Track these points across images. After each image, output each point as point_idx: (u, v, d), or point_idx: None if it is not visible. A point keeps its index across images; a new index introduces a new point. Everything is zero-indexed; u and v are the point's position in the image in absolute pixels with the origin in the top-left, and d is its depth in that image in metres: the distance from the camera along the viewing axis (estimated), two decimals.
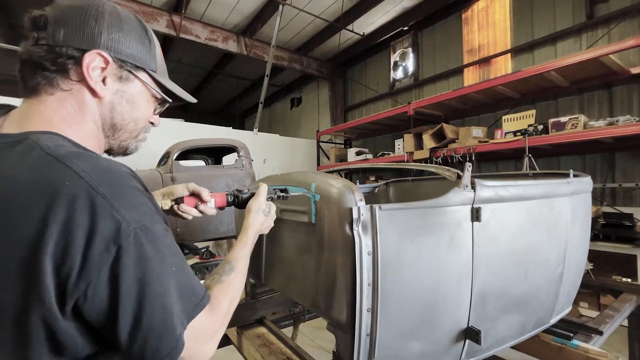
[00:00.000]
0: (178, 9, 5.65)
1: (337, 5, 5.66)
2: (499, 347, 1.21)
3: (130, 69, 0.64)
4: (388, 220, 0.92)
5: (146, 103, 0.69)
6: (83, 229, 0.46)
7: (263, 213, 0.92)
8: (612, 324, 1.57)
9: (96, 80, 0.59)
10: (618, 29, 3.71)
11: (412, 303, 0.97)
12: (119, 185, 0.51)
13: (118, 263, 0.48)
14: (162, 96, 0.71)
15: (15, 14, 6.20)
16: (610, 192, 3.83)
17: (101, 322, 0.50)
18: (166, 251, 0.55)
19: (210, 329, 0.61)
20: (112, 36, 0.60)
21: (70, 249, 0.45)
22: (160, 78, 0.69)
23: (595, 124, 3.22)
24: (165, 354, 0.52)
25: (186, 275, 0.58)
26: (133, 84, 0.65)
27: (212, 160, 4.35)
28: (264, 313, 1.84)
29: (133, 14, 0.66)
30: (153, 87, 0.68)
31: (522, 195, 1.18)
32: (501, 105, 4.71)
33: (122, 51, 0.61)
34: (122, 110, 0.64)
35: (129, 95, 0.65)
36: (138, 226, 0.50)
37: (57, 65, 0.57)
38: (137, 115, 0.67)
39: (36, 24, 0.57)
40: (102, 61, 0.59)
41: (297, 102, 9.30)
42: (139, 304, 0.50)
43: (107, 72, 0.61)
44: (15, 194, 0.47)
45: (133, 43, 0.63)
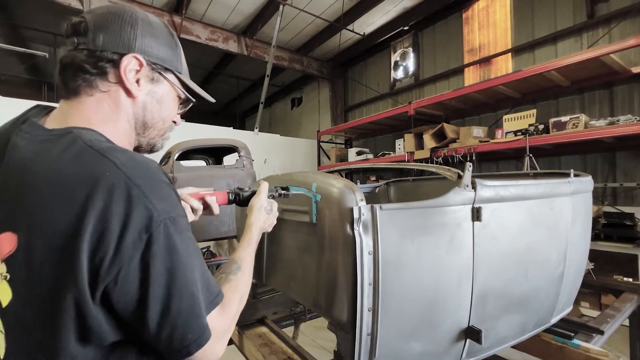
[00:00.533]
0: (179, 9, 5.66)
1: (338, 5, 5.67)
2: (499, 346, 1.21)
3: (161, 71, 0.68)
4: (389, 220, 0.93)
5: (173, 103, 0.74)
6: (119, 216, 0.49)
7: (265, 211, 0.92)
8: (613, 324, 1.57)
9: (131, 82, 0.64)
10: (619, 29, 3.71)
11: (412, 302, 0.97)
12: (152, 178, 0.55)
13: (149, 251, 0.50)
14: (186, 96, 0.75)
15: (16, 14, 6.22)
16: (612, 191, 3.83)
17: (129, 310, 0.51)
18: (190, 243, 0.57)
19: (221, 327, 0.61)
20: (145, 41, 0.65)
21: (106, 235, 0.48)
22: (185, 79, 0.74)
23: (596, 124, 3.22)
24: (193, 340, 0.54)
25: (205, 269, 0.60)
26: (162, 85, 0.70)
27: (213, 161, 4.36)
28: (265, 313, 1.84)
29: (161, 20, 0.71)
30: (179, 88, 0.73)
31: (523, 195, 1.18)
32: (502, 105, 4.70)
33: (153, 54, 0.66)
34: (152, 109, 0.69)
35: (159, 95, 0.69)
36: (167, 217, 0.53)
37: (98, 69, 0.61)
38: (165, 115, 0.72)
39: (77, 30, 0.61)
40: (137, 64, 0.64)
41: (297, 102, 9.30)
42: (168, 292, 0.52)
43: (141, 74, 0.65)
44: (60, 181, 0.51)
45: (163, 47, 0.68)
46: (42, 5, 5.31)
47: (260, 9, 5.87)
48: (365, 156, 5.85)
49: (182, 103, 0.78)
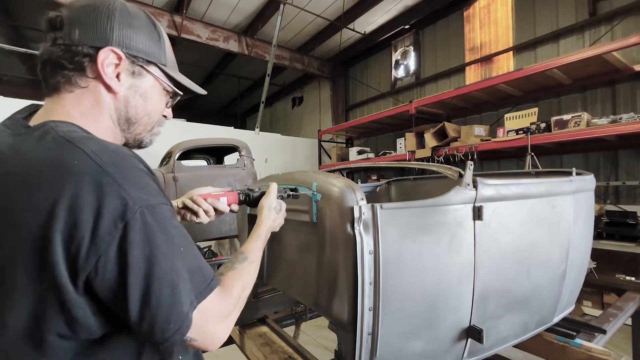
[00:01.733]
0: (179, 9, 5.66)
1: (338, 4, 5.65)
2: (501, 346, 1.21)
3: (142, 64, 0.66)
4: (389, 219, 0.92)
5: (158, 97, 0.71)
6: (91, 206, 0.48)
7: (275, 211, 0.93)
8: (616, 323, 1.57)
9: (111, 77, 0.62)
10: (621, 26, 3.68)
11: (413, 302, 0.97)
12: (125, 166, 0.53)
13: (125, 239, 0.49)
14: (173, 89, 0.73)
15: (17, 15, 6.23)
16: (614, 190, 3.81)
17: (112, 299, 0.51)
18: (173, 231, 0.56)
19: (221, 311, 0.61)
20: (123, 32, 0.62)
21: (79, 226, 0.47)
22: (171, 71, 0.71)
23: (599, 122, 3.20)
24: (174, 330, 0.53)
25: (194, 257, 0.59)
26: (145, 79, 0.67)
27: (214, 160, 4.36)
28: (266, 312, 1.84)
29: (142, 10, 0.68)
30: (164, 81, 0.70)
31: (524, 194, 1.17)
32: (503, 103, 4.69)
33: (133, 47, 0.63)
34: (136, 104, 0.67)
35: (142, 89, 0.67)
36: (144, 205, 0.52)
37: (75, 64, 0.60)
38: (150, 109, 0.70)
39: (53, 25, 0.61)
40: (115, 57, 0.62)
41: (298, 101, 9.30)
42: (147, 281, 0.51)
43: (121, 68, 0.63)
44: (30, 172, 0.50)
45: (143, 38, 0.65)
46: (43, 6, 5.31)
47: (260, 8, 5.87)
48: (367, 155, 5.84)
49: (172, 96, 0.76)
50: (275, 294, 1.88)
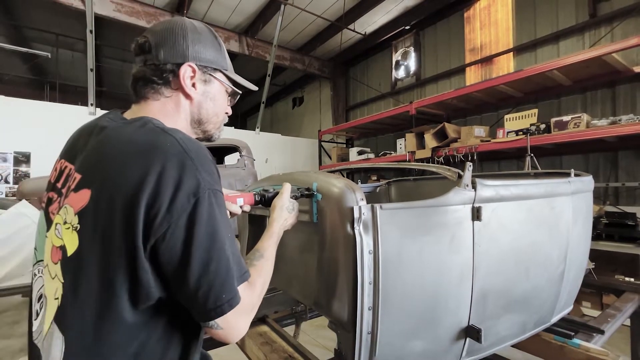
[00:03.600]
0: (180, 9, 5.68)
1: (339, 5, 5.66)
2: (499, 345, 1.22)
3: (211, 73, 0.79)
4: (389, 219, 0.93)
5: (223, 98, 0.84)
6: (173, 179, 0.57)
7: (287, 210, 0.95)
8: (614, 323, 1.57)
9: (189, 86, 0.75)
10: (621, 28, 3.69)
11: (413, 301, 0.98)
12: (203, 154, 0.64)
13: (195, 212, 0.58)
14: (233, 90, 0.85)
15: (18, 15, 6.24)
16: (614, 191, 3.82)
17: (173, 265, 0.58)
18: (225, 218, 0.65)
19: (247, 303, 0.65)
20: (195, 48, 0.75)
21: (161, 194, 0.56)
22: (231, 74, 0.83)
23: (598, 123, 3.21)
24: (226, 300, 0.60)
25: (236, 247, 0.66)
26: (214, 84, 0.80)
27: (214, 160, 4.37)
28: (266, 312, 1.85)
29: (205, 25, 0.81)
30: (227, 84, 0.83)
31: (523, 195, 1.18)
32: (503, 104, 4.70)
33: (203, 59, 0.77)
34: (207, 107, 0.80)
35: (212, 94, 0.80)
36: (211, 188, 0.61)
37: (163, 79, 0.74)
38: (218, 110, 0.83)
39: (143, 49, 0.74)
40: (191, 70, 0.75)
41: (298, 101, 9.31)
42: (208, 253, 0.59)
43: (196, 79, 0.76)
44: (130, 150, 0.61)
45: (210, 50, 0.78)
46: (44, 6, 5.33)
47: (261, 8, 5.88)
48: (367, 156, 5.85)
49: (231, 95, 0.87)
50: (276, 293, 1.89)
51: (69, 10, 5.00)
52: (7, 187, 4.62)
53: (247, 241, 1.56)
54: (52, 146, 0.83)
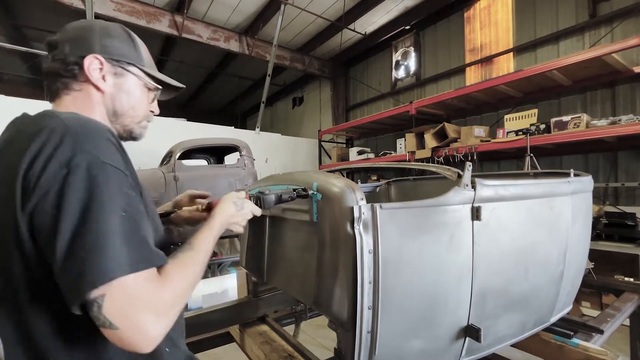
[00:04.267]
0: (180, 9, 5.67)
1: (339, 5, 5.67)
2: (499, 345, 1.22)
3: (122, 65, 0.78)
4: (389, 219, 0.93)
5: (140, 92, 0.83)
6: (47, 152, 0.56)
7: (234, 205, 0.89)
8: (613, 323, 1.58)
9: (97, 78, 0.75)
10: (621, 28, 3.69)
11: (412, 301, 0.98)
12: (92, 131, 0.61)
13: (66, 181, 0.54)
14: (152, 84, 0.85)
15: (18, 14, 6.24)
16: (613, 191, 3.82)
17: (44, 239, 0.54)
18: (120, 195, 0.58)
19: (155, 296, 0.56)
20: (102, 42, 0.76)
21: (35, 165, 0.55)
22: (148, 70, 0.83)
23: (598, 123, 3.21)
24: (90, 284, 0.51)
25: (139, 228, 0.59)
26: (127, 77, 0.80)
27: (215, 160, 4.38)
28: (266, 311, 1.85)
29: (118, 24, 0.82)
30: (143, 78, 0.82)
31: (523, 195, 1.18)
32: (503, 104, 4.70)
33: (112, 52, 0.77)
34: (121, 99, 0.79)
35: (125, 86, 0.79)
36: (94, 159, 0.57)
37: (69, 72, 0.74)
38: (133, 103, 0.82)
39: (51, 45, 0.76)
40: (98, 62, 0.75)
41: (298, 101, 9.31)
42: (78, 223, 0.53)
43: (105, 71, 0.76)
44: (23, 133, 0.62)
45: (120, 44, 0.78)
46: (44, 5, 5.33)
47: (261, 8, 5.88)
48: (367, 155, 5.85)
49: (154, 91, 0.87)
50: (276, 293, 1.89)
51: (69, 10, 5.00)
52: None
53: (246, 241, 1.56)
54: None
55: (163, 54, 7.86)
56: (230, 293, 2.79)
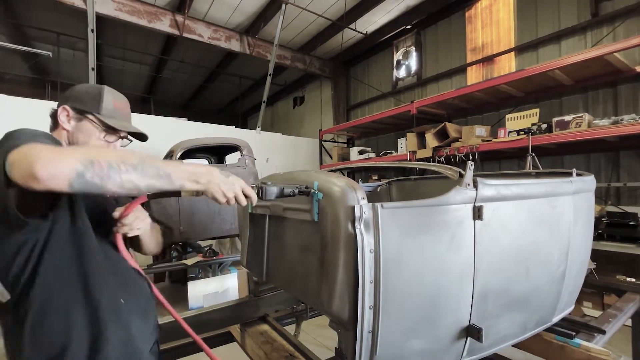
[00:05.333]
0: (181, 8, 5.67)
1: (340, 4, 5.66)
2: (500, 345, 1.22)
3: (80, 114, 1.03)
4: (390, 218, 0.93)
5: (95, 133, 1.05)
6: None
7: (221, 171, 0.88)
8: (615, 323, 1.57)
9: (63, 122, 1.03)
10: (623, 27, 3.68)
11: (414, 300, 0.98)
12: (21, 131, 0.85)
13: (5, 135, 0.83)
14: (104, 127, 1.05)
15: (19, 14, 6.25)
16: (615, 191, 3.81)
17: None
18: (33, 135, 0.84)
19: (36, 150, 0.70)
20: (72, 95, 1.05)
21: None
22: (105, 118, 1.04)
23: (600, 123, 3.20)
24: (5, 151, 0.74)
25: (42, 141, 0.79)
26: (84, 122, 1.04)
27: (215, 159, 4.38)
28: (266, 311, 1.85)
29: (96, 86, 1.09)
30: (96, 123, 1.04)
31: (524, 194, 1.18)
32: (505, 104, 4.69)
33: (76, 104, 1.03)
34: (77, 136, 1.04)
35: (81, 128, 1.04)
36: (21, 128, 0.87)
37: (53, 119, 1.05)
38: (84, 140, 1.04)
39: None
40: (64, 111, 1.03)
41: (299, 101, 9.30)
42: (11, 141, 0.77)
43: (70, 116, 1.03)
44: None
45: (85, 97, 1.05)
46: (45, 5, 5.34)
47: (262, 8, 5.88)
48: (368, 155, 5.85)
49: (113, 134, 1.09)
50: (276, 292, 1.89)
51: (70, 9, 5.00)
52: None
53: (247, 240, 1.56)
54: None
55: (164, 53, 7.87)
56: (231, 292, 2.79)
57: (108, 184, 0.70)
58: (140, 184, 0.74)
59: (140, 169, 0.74)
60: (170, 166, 0.80)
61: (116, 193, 0.74)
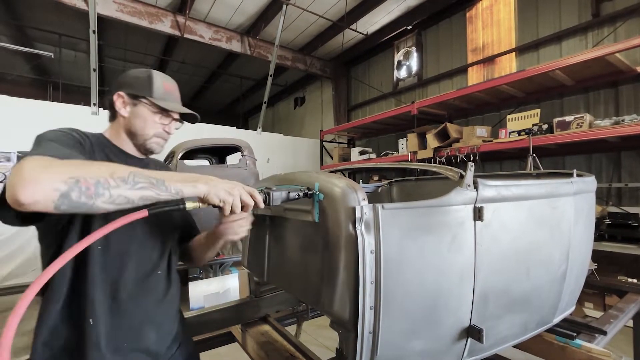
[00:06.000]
0: (182, 9, 5.69)
1: (341, 5, 5.67)
2: (501, 346, 1.21)
3: (134, 99, 1.02)
4: (391, 219, 0.93)
5: (150, 117, 1.04)
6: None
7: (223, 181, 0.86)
8: (617, 324, 1.57)
9: (119, 108, 1.02)
10: (624, 28, 3.68)
11: (414, 301, 0.98)
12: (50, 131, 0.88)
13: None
14: (158, 109, 1.04)
15: (21, 15, 6.27)
16: (616, 192, 3.80)
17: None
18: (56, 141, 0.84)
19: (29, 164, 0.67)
20: (124, 81, 1.03)
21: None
22: (158, 101, 1.03)
23: (601, 123, 3.20)
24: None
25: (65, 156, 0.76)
26: (139, 107, 1.03)
27: (216, 160, 4.38)
28: (267, 311, 1.85)
29: (145, 68, 1.07)
30: (150, 106, 1.03)
31: (525, 195, 1.18)
32: (505, 104, 4.69)
33: (130, 89, 1.02)
34: (135, 122, 1.03)
35: (137, 113, 1.03)
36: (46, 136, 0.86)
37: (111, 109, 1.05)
38: (142, 125, 1.04)
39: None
40: (120, 97, 1.02)
41: (300, 101, 9.31)
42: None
43: (126, 102, 1.02)
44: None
45: (136, 82, 1.03)
46: (47, 6, 5.35)
47: (263, 8, 5.89)
48: (368, 156, 5.85)
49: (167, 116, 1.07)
50: (277, 292, 1.89)
51: (71, 11, 5.02)
52: None
53: (248, 240, 1.56)
54: None
55: (165, 54, 7.89)
56: (232, 293, 2.80)
57: (97, 202, 0.66)
58: (133, 196, 0.70)
59: (131, 181, 0.70)
60: (164, 174, 0.77)
61: (109, 210, 0.69)
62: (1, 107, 4.51)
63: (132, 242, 0.95)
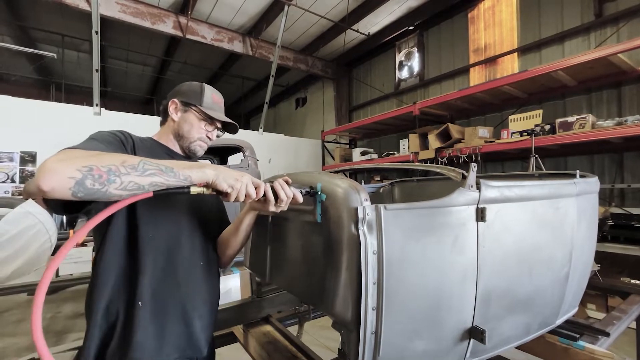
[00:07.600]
0: (184, 10, 5.71)
1: (342, 6, 5.67)
2: (503, 347, 1.21)
3: (186, 106, 1.17)
4: (393, 220, 0.93)
5: (197, 123, 1.18)
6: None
7: (232, 170, 0.89)
8: (620, 326, 1.56)
9: (172, 112, 1.17)
10: (627, 28, 3.67)
11: (416, 302, 0.97)
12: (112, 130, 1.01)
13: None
14: (204, 117, 1.18)
15: (24, 16, 6.31)
16: (619, 192, 3.79)
17: None
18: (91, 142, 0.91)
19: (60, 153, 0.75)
20: (179, 90, 1.19)
21: None
22: (204, 109, 1.17)
23: (604, 124, 3.19)
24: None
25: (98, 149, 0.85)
26: (188, 113, 1.17)
27: (218, 160, 4.39)
28: (269, 311, 1.85)
29: (198, 83, 1.21)
30: (197, 113, 1.17)
31: (528, 196, 1.18)
32: (508, 105, 4.68)
33: (183, 98, 1.17)
34: (183, 126, 1.17)
35: (186, 118, 1.17)
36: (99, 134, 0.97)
37: (164, 112, 1.21)
38: (188, 129, 1.17)
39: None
40: (173, 103, 1.17)
41: (302, 102, 9.32)
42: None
43: (178, 108, 1.17)
44: None
45: (189, 92, 1.18)
46: (50, 7, 5.38)
47: (265, 9, 5.90)
48: (370, 156, 5.85)
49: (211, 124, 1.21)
50: (279, 293, 1.89)
51: (74, 12, 5.05)
52: (14, 186, 4.67)
53: (250, 241, 1.56)
54: (58, 146, 0.85)
55: (167, 55, 7.92)
56: (233, 293, 2.80)
57: (110, 188, 0.70)
58: (143, 182, 0.74)
59: (140, 168, 0.75)
60: (173, 162, 0.81)
61: (122, 196, 0.73)
62: (4, 108, 4.54)
63: (181, 233, 1.05)
